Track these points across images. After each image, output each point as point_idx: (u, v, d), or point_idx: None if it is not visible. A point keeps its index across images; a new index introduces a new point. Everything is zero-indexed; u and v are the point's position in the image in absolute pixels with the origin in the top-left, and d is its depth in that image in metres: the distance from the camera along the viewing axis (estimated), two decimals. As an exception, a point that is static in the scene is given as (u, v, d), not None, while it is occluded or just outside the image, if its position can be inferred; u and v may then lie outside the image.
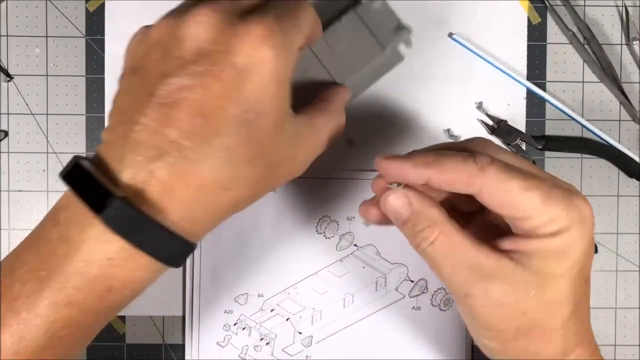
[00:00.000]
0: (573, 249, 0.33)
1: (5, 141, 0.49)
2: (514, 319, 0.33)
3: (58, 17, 0.49)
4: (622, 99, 0.49)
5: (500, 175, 0.32)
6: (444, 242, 0.34)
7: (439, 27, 0.49)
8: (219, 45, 0.31)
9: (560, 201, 0.33)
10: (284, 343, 0.49)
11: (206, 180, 0.31)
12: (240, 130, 0.31)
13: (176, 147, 0.31)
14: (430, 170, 0.33)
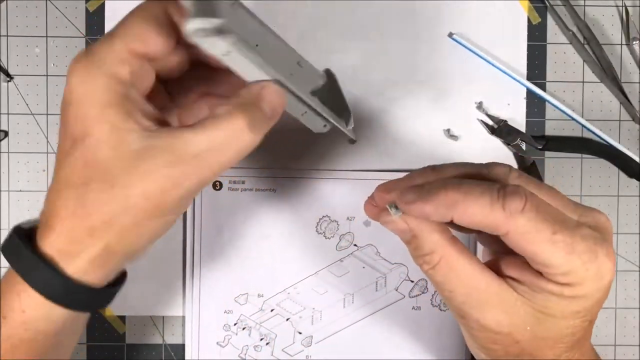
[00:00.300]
0: (584, 300, 0.33)
1: (5, 141, 0.49)
2: (506, 344, 0.34)
3: (58, 17, 0.49)
4: (622, 99, 0.49)
5: (529, 226, 0.31)
6: (444, 267, 0.34)
7: (439, 27, 0.49)
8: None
9: (583, 256, 0.32)
10: (284, 343, 0.49)
11: (68, 211, 0.32)
12: (76, 158, 0.32)
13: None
14: (454, 212, 0.32)
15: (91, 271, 0.32)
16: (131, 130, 0.31)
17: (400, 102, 0.49)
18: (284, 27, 0.49)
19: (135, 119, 0.31)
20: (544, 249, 0.31)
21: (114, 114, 0.31)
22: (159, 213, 0.32)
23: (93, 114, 0.31)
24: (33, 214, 0.49)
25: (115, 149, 0.31)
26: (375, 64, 0.49)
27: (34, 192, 0.49)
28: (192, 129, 0.31)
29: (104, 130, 0.31)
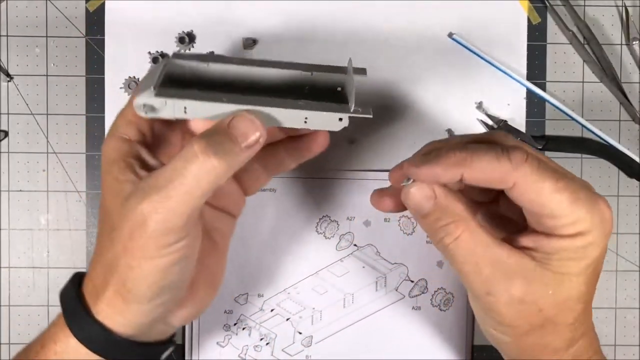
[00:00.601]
0: (591, 250, 0.34)
1: (5, 141, 0.49)
2: (531, 316, 0.34)
3: (58, 17, 0.49)
4: (622, 99, 0.49)
5: (534, 175, 0.33)
6: (468, 239, 0.34)
7: (439, 27, 0.49)
8: None
9: (586, 204, 0.33)
10: (284, 343, 0.49)
11: (94, 257, 0.37)
12: (100, 208, 0.37)
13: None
14: (463, 169, 0.33)
15: (112, 316, 0.35)
16: (128, 180, 0.34)
17: (400, 102, 0.49)
18: (283, 28, 0.49)
19: (133, 171, 0.35)
20: (551, 198, 0.33)
21: (116, 168, 0.35)
22: (145, 253, 0.33)
23: (104, 170, 0.36)
24: (33, 214, 0.49)
25: (114, 197, 0.34)
26: (376, 64, 0.49)
27: (34, 192, 0.49)
28: (164, 166, 0.34)
29: (109, 182, 0.35)
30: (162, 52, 0.48)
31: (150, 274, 0.34)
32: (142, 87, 0.35)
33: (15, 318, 0.49)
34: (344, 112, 0.35)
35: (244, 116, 0.34)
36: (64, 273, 0.49)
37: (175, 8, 0.49)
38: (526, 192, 0.33)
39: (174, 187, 0.32)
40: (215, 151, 0.32)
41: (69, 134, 0.49)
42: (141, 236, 0.33)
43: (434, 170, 0.33)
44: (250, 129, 0.34)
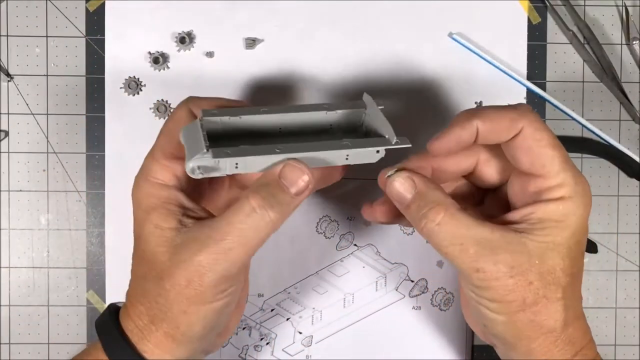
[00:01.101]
0: (573, 220, 0.35)
1: (5, 141, 0.49)
2: (522, 289, 0.35)
3: (58, 17, 0.49)
4: (622, 99, 0.49)
5: (538, 123, 0.36)
6: (449, 222, 0.35)
7: (439, 27, 0.49)
8: None
9: (572, 171, 0.36)
10: (284, 343, 0.49)
11: (136, 300, 0.37)
12: (137, 254, 0.37)
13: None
14: (477, 119, 0.36)
15: (161, 355, 0.36)
16: (172, 228, 0.35)
17: (400, 102, 0.49)
18: (284, 27, 0.49)
19: (176, 218, 0.36)
20: (547, 152, 0.35)
21: (157, 216, 0.36)
22: (202, 299, 0.35)
23: (142, 217, 0.36)
24: (33, 214, 0.49)
25: (160, 246, 0.35)
26: (375, 64, 0.49)
27: (34, 192, 0.49)
28: (218, 216, 0.35)
29: (150, 230, 0.36)
30: (162, 52, 0.48)
31: (205, 317, 0.36)
32: (190, 150, 0.35)
33: (15, 318, 0.49)
34: (386, 145, 0.37)
35: (293, 165, 0.35)
36: (64, 273, 0.49)
37: (175, 8, 0.49)
38: (529, 140, 0.35)
39: (232, 240, 0.34)
40: (270, 205, 0.35)
41: (69, 134, 0.49)
42: (200, 285, 0.34)
43: (452, 132, 0.36)
44: (301, 177, 0.35)
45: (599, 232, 0.50)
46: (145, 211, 0.36)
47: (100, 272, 0.49)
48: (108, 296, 0.49)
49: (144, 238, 0.36)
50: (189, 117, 0.38)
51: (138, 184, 0.37)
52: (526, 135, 0.35)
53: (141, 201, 0.37)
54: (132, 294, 0.37)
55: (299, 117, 0.39)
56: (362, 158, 0.37)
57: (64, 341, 0.49)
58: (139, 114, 0.49)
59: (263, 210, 0.34)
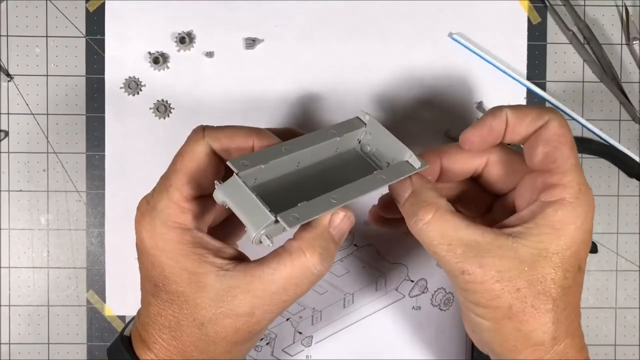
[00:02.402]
0: (570, 229, 0.35)
1: (5, 141, 0.49)
2: (508, 295, 0.34)
3: (58, 17, 0.49)
4: (622, 99, 0.49)
5: (563, 121, 0.36)
6: (438, 222, 0.35)
7: (439, 27, 0.49)
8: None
9: (580, 178, 0.36)
10: (284, 343, 0.49)
11: (164, 341, 0.36)
12: (164, 300, 0.36)
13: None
14: (507, 108, 0.37)
15: None
16: (208, 272, 0.35)
17: (400, 102, 0.49)
18: (284, 27, 0.49)
19: (209, 262, 0.35)
20: (564, 150, 0.35)
21: (189, 263, 0.35)
22: (247, 339, 0.36)
23: (170, 265, 0.35)
24: (33, 214, 0.49)
25: (197, 292, 0.34)
26: (375, 64, 0.49)
27: (34, 192, 0.49)
28: (268, 267, 0.35)
29: (184, 278, 0.35)
30: (162, 52, 0.48)
31: (247, 351, 0.38)
32: (252, 218, 0.33)
33: (15, 318, 0.49)
34: (411, 171, 0.37)
35: (342, 214, 0.36)
36: (64, 273, 0.49)
37: (176, 8, 0.49)
38: (551, 132, 0.36)
39: (289, 294, 0.35)
40: (327, 259, 0.35)
41: (69, 134, 0.49)
42: (249, 332, 0.35)
43: (485, 120, 0.37)
44: (347, 224, 0.36)
45: (599, 232, 0.50)
46: (172, 259, 0.35)
47: (100, 272, 0.49)
48: (108, 296, 0.49)
49: (175, 285, 0.35)
50: (209, 155, 0.36)
51: (155, 229, 0.35)
52: (550, 127, 0.36)
53: (165, 249, 0.35)
54: (158, 335, 0.36)
55: (314, 150, 0.38)
56: (385, 188, 0.38)
57: (64, 341, 0.49)
58: (139, 114, 0.49)
59: (318, 265, 0.35)
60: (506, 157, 0.39)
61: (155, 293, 0.36)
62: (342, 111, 0.49)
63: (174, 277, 0.35)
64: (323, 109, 0.49)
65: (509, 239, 0.34)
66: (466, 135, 0.38)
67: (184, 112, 0.49)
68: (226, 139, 0.36)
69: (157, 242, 0.35)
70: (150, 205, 0.36)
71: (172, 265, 0.35)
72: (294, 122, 0.49)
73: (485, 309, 0.35)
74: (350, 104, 0.49)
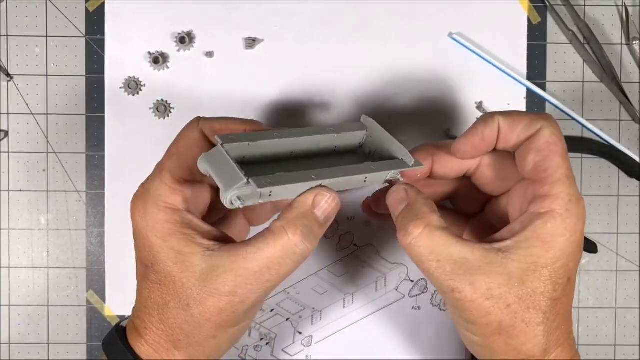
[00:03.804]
0: (559, 242, 0.34)
1: (5, 141, 0.49)
2: (498, 312, 0.34)
3: (58, 17, 0.49)
4: (622, 99, 0.49)
5: (556, 129, 0.36)
6: (427, 238, 0.34)
7: (439, 27, 0.49)
8: None
9: (571, 189, 0.35)
10: (284, 343, 0.49)
11: (153, 325, 0.37)
12: (153, 282, 0.36)
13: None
14: (498, 115, 0.36)
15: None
16: (194, 252, 0.35)
17: (400, 102, 0.49)
18: (284, 27, 0.49)
19: (196, 242, 0.35)
20: (555, 159, 0.35)
21: (176, 242, 0.35)
22: (232, 323, 0.36)
23: (159, 244, 0.36)
24: (33, 214, 0.49)
25: (183, 272, 0.35)
26: (375, 64, 0.49)
27: (34, 192, 0.49)
28: (251, 246, 0.35)
29: (171, 257, 0.35)
30: (162, 52, 0.48)
31: (232, 339, 0.37)
32: (226, 181, 0.34)
33: (15, 318, 0.49)
34: (403, 167, 0.37)
35: (325, 194, 0.36)
36: (64, 273, 0.49)
37: (176, 8, 0.49)
38: (542, 140, 0.35)
39: (270, 273, 0.35)
40: (309, 238, 0.35)
41: (69, 134, 0.49)
42: (233, 313, 0.35)
43: (477, 128, 0.36)
44: (331, 205, 0.36)
45: (599, 232, 0.50)
46: (161, 238, 0.36)
47: (100, 272, 0.49)
48: (108, 296, 0.49)
49: (162, 265, 0.35)
50: (202, 140, 0.37)
51: (147, 210, 0.36)
52: (542, 135, 0.35)
53: (155, 228, 0.36)
54: (148, 319, 0.36)
55: (309, 141, 0.39)
56: (377, 180, 0.38)
57: (63, 341, 0.49)
58: (138, 114, 0.49)
59: (304, 246, 0.35)
60: (498, 162, 0.39)
61: (146, 275, 0.36)
62: (342, 111, 0.49)
63: (162, 256, 0.35)
64: (323, 109, 0.49)
65: (499, 255, 0.34)
66: (458, 146, 0.37)
67: (184, 112, 0.49)
68: (219, 125, 0.38)
69: (148, 222, 0.36)
70: (145, 189, 0.37)
71: (160, 244, 0.35)
72: (294, 122, 0.49)
73: (475, 325, 0.35)
74: (350, 103, 0.49)
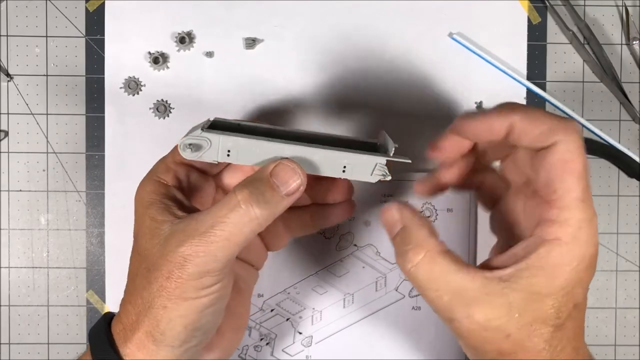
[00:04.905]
0: (565, 271, 0.33)
1: (5, 141, 0.49)
2: (498, 342, 0.33)
3: (58, 17, 0.49)
4: (622, 99, 0.49)
5: (575, 144, 0.32)
6: (426, 266, 0.34)
7: (439, 27, 0.49)
8: None
9: (583, 213, 0.33)
10: (284, 343, 0.49)
11: (125, 298, 0.37)
12: (134, 251, 0.37)
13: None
14: (517, 114, 0.33)
15: (140, 357, 0.35)
16: (165, 221, 0.35)
17: (400, 103, 0.49)
18: (284, 27, 0.49)
19: (171, 212, 0.35)
20: (571, 179, 0.32)
21: (155, 210, 0.36)
22: (181, 293, 0.34)
23: (142, 212, 0.36)
24: (33, 214, 0.49)
25: (152, 238, 0.35)
26: (375, 64, 0.49)
27: (34, 192, 0.49)
28: (206, 210, 0.34)
29: (147, 224, 0.35)
30: (162, 52, 0.48)
31: (185, 315, 0.34)
32: (189, 132, 0.36)
33: (15, 318, 0.49)
34: (384, 157, 0.36)
35: (286, 164, 0.35)
36: (64, 273, 0.49)
37: (176, 8, 0.49)
38: (556, 156, 0.33)
39: (215, 233, 0.33)
40: (257, 200, 0.34)
41: (69, 134, 0.49)
42: (180, 277, 0.33)
43: (489, 117, 0.34)
44: (292, 177, 0.35)
45: (599, 232, 0.50)
46: (144, 206, 0.36)
47: (100, 272, 0.49)
48: (108, 296, 0.49)
49: (141, 233, 0.36)
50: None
51: (142, 183, 0.38)
52: (557, 151, 0.32)
53: (143, 197, 0.37)
54: (125, 294, 0.37)
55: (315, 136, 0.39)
56: (360, 174, 0.36)
57: (63, 341, 0.49)
58: (138, 114, 0.49)
59: (248, 205, 0.33)
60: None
61: (132, 249, 0.37)
62: (342, 111, 0.49)
63: (142, 225, 0.36)
64: (323, 109, 0.49)
65: (500, 285, 0.33)
66: (462, 123, 0.35)
67: (184, 112, 0.49)
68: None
69: (139, 192, 0.37)
70: (151, 169, 0.39)
71: (142, 212, 0.36)
72: (294, 122, 0.49)
73: (475, 350, 0.34)
74: (351, 104, 0.49)
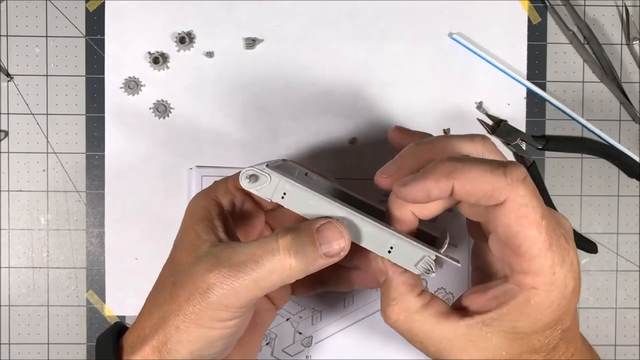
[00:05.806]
0: (546, 312, 0.32)
1: (5, 141, 0.49)
2: None
3: (58, 17, 0.49)
4: (622, 99, 0.49)
5: (526, 197, 0.31)
6: (407, 323, 0.34)
7: (439, 27, 0.49)
8: None
9: (554, 257, 0.32)
10: (284, 343, 0.49)
11: (145, 308, 0.36)
12: (170, 259, 0.36)
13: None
14: (455, 179, 0.32)
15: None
16: (207, 240, 0.34)
17: (401, 102, 0.49)
18: (284, 27, 0.49)
19: (215, 233, 0.35)
20: (531, 232, 0.31)
21: (202, 226, 0.35)
22: (197, 320, 0.33)
23: (188, 225, 0.36)
24: (33, 214, 0.49)
25: (189, 254, 0.34)
26: (375, 64, 0.49)
27: (34, 192, 0.49)
28: (246, 242, 0.34)
29: (190, 236, 0.35)
30: (162, 52, 0.48)
31: (194, 341, 0.34)
32: (260, 163, 0.36)
33: (15, 318, 0.49)
34: (433, 250, 0.34)
35: (335, 225, 0.34)
36: (64, 273, 0.49)
37: (176, 8, 0.49)
38: (511, 215, 0.31)
39: (245, 270, 0.33)
40: (296, 251, 0.33)
41: (69, 134, 0.49)
42: (199, 302, 0.33)
43: (425, 184, 0.32)
44: (338, 240, 0.34)
45: (599, 232, 0.50)
46: (194, 220, 0.36)
47: (100, 272, 0.49)
48: (108, 296, 0.49)
49: (181, 245, 0.35)
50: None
51: (198, 196, 0.37)
52: (508, 209, 0.31)
53: (195, 210, 0.36)
54: (145, 304, 0.36)
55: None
56: (405, 259, 0.35)
57: (63, 341, 0.49)
58: (138, 114, 0.49)
59: (286, 253, 0.33)
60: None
61: (168, 258, 0.36)
62: (343, 111, 0.49)
63: (184, 238, 0.35)
64: (323, 110, 0.49)
65: (483, 330, 0.33)
66: (400, 191, 0.33)
67: (184, 112, 0.49)
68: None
69: (192, 204, 0.37)
70: (210, 185, 0.39)
71: (190, 225, 0.36)
72: (294, 122, 0.49)
73: None
74: (350, 104, 0.49)
